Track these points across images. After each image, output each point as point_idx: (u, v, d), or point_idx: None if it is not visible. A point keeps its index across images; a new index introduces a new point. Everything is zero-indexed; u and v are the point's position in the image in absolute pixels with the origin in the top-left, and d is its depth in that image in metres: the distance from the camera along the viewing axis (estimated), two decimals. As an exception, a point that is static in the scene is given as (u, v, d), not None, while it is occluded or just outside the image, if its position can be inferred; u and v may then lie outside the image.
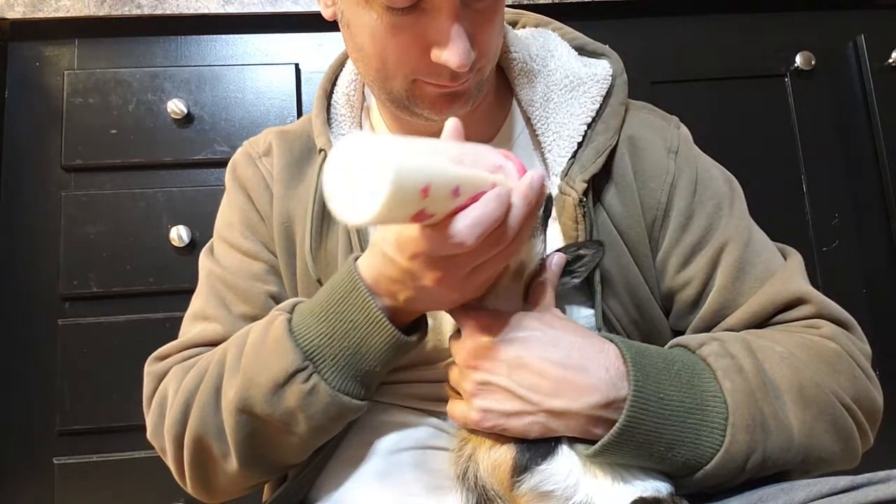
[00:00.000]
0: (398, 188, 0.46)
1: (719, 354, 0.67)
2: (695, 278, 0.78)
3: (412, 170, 0.48)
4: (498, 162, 0.58)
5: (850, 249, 1.40)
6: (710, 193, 0.81)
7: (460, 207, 0.54)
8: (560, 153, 0.81)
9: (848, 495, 0.50)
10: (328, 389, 0.67)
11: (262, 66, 1.37)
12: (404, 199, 0.48)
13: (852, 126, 1.44)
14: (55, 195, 1.30)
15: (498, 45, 0.75)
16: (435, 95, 0.73)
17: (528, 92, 0.85)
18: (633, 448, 0.62)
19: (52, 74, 1.34)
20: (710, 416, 0.63)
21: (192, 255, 1.29)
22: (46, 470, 1.24)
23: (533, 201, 0.58)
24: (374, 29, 0.70)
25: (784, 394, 0.65)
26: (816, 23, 1.47)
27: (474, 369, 0.65)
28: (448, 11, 0.66)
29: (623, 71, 0.85)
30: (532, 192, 0.57)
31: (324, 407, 0.68)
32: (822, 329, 0.73)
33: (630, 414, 0.61)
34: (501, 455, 0.66)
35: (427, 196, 0.49)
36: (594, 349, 0.65)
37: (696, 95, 1.41)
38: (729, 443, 0.62)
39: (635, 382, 0.61)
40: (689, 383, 0.64)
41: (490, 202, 0.54)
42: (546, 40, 0.87)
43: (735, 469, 0.62)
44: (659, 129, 0.84)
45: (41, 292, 1.28)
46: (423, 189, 0.49)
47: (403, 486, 0.75)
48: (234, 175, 0.90)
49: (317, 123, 0.86)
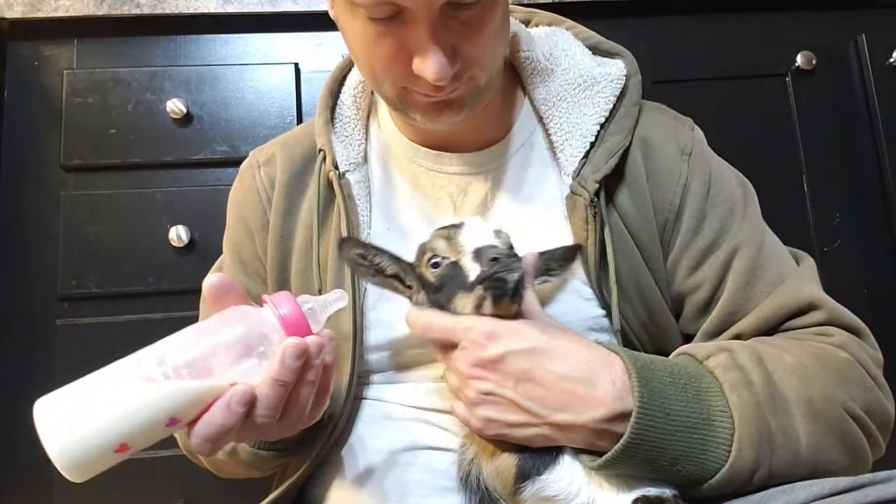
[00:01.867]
0: (74, 471, 0.51)
1: (727, 367, 0.66)
2: (706, 282, 0.78)
3: (83, 452, 0.50)
4: (262, 333, 0.57)
5: (850, 249, 1.40)
6: (724, 196, 0.80)
7: (192, 422, 0.55)
8: (572, 153, 0.80)
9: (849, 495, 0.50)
10: (247, 448, 0.77)
11: (262, 66, 1.37)
12: (91, 466, 0.51)
13: (853, 126, 1.44)
14: (54, 195, 1.30)
15: (494, 53, 0.74)
16: (424, 103, 0.73)
17: (541, 91, 0.84)
18: (638, 462, 0.61)
19: (52, 74, 1.34)
20: (716, 431, 0.62)
21: (191, 255, 1.29)
22: (46, 470, 1.24)
23: (291, 379, 0.57)
24: (361, 37, 0.71)
25: (793, 407, 0.64)
26: (817, 22, 1.46)
27: (478, 379, 0.64)
28: (425, 23, 0.66)
29: (637, 71, 0.85)
30: (286, 372, 0.57)
31: (248, 459, 0.78)
32: (834, 337, 0.72)
33: (635, 430, 0.60)
34: (504, 462, 0.66)
35: (128, 448, 0.52)
36: (600, 362, 0.64)
37: (696, 95, 1.41)
38: (734, 459, 0.61)
39: (640, 398, 0.61)
40: (696, 398, 0.63)
41: (215, 417, 0.55)
42: (559, 39, 0.87)
43: (741, 483, 0.61)
44: (673, 130, 0.84)
45: (40, 292, 1.28)
46: (115, 450, 0.51)
47: (404, 486, 0.75)
48: (234, 192, 0.92)
49: (318, 123, 0.86)
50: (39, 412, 0.51)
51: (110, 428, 0.51)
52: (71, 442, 0.50)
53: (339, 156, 0.84)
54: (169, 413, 0.53)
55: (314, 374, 0.60)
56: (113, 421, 0.51)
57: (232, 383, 0.55)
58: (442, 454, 0.75)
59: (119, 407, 0.51)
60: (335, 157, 0.83)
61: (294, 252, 0.84)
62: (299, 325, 0.58)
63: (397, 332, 0.78)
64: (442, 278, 0.68)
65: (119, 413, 0.51)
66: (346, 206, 0.80)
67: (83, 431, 0.50)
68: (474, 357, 0.64)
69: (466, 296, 0.66)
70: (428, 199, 0.83)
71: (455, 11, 0.67)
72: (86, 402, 0.51)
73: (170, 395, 0.53)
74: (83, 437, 0.50)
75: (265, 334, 0.57)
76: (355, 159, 0.85)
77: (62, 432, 0.49)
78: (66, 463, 0.50)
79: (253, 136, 1.33)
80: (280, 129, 1.33)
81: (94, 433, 0.50)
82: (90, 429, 0.50)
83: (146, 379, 0.52)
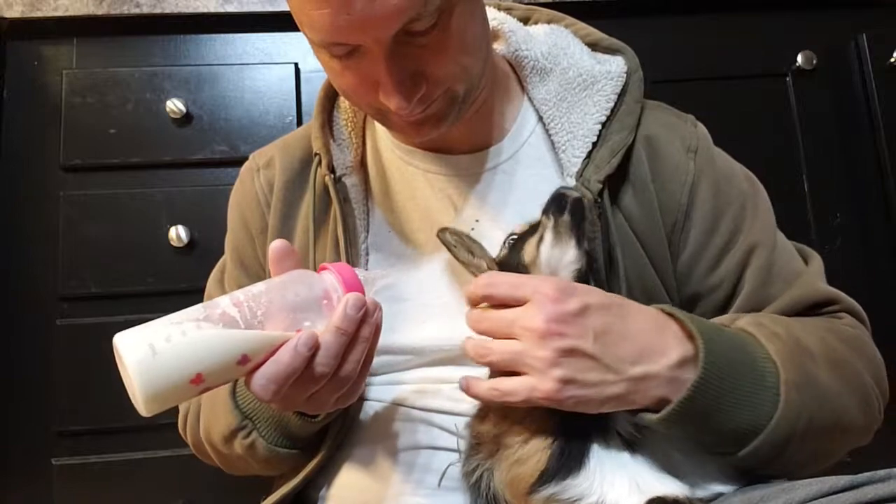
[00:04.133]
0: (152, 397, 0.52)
1: (757, 325, 0.68)
2: (724, 281, 0.78)
3: (163, 376, 0.52)
4: (324, 290, 0.61)
5: (851, 249, 1.40)
6: (735, 194, 0.80)
7: (258, 364, 0.57)
8: (574, 153, 0.79)
9: (848, 494, 0.50)
10: (265, 444, 0.77)
11: (262, 66, 1.37)
12: (167, 395, 0.53)
13: (854, 125, 1.44)
14: (53, 195, 1.30)
15: (469, 63, 0.72)
16: (402, 124, 0.74)
17: (540, 90, 0.84)
18: (705, 409, 0.61)
19: (51, 74, 1.34)
20: (764, 375, 0.63)
21: (191, 255, 1.29)
22: (45, 471, 1.24)
23: (351, 329, 0.59)
24: (330, 69, 0.72)
25: (819, 359, 0.66)
26: (818, 22, 1.46)
27: (558, 336, 0.60)
28: (380, 57, 0.65)
29: (639, 68, 0.84)
30: (347, 321, 0.59)
31: (265, 456, 0.77)
32: (844, 319, 0.76)
33: (705, 366, 0.60)
34: (526, 467, 0.64)
35: (202, 381, 0.54)
36: (656, 314, 0.65)
37: (696, 95, 1.40)
38: (784, 402, 0.62)
39: (702, 338, 0.62)
40: (741, 347, 0.65)
41: (282, 357, 0.57)
42: (558, 38, 0.86)
43: (787, 435, 0.62)
44: (677, 127, 0.83)
45: (39, 292, 1.28)
46: (191, 380, 0.53)
47: (405, 487, 0.75)
48: (234, 194, 0.93)
49: (315, 126, 0.86)
50: (122, 340, 0.53)
51: (190, 354, 0.53)
52: (154, 364, 0.51)
53: (335, 159, 0.83)
54: (243, 349, 0.55)
55: (368, 330, 0.61)
56: (192, 348, 0.53)
57: (298, 330, 0.58)
58: (443, 454, 0.75)
59: (198, 338, 0.54)
60: (332, 160, 0.83)
61: None
62: (357, 286, 0.62)
63: (398, 334, 0.77)
64: (512, 248, 0.70)
65: (198, 342, 0.54)
66: (342, 211, 0.80)
67: (166, 354, 0.52)
68: (554, 311, 0.61)
69: (532, 238, 0.67)
70: (428, 202, 0.83)
71: (410, 38, 0.66)
72: (165, 331, 0.53)
73: (244, 333, 0.56)
74: (166, 360, 0.52)
75: (327, 291, 0.61)
76: (352, 163, 0.85)
77: (147, 353, 0.51)
78: (146, 385, 0.51)
79: (252, 136, 1.33)
80: (280, 128, 1.33)
81: (176, 356, 0.52)
82: (173, 352, 0.52)
83: (221, 318, 0.55)
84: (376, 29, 0.63)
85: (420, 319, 0.78)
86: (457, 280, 0.78)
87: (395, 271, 0.80)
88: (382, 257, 0.82)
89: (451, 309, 0.76)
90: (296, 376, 0.58)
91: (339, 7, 0.61)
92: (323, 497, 0.79)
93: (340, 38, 0.65)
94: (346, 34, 0.64)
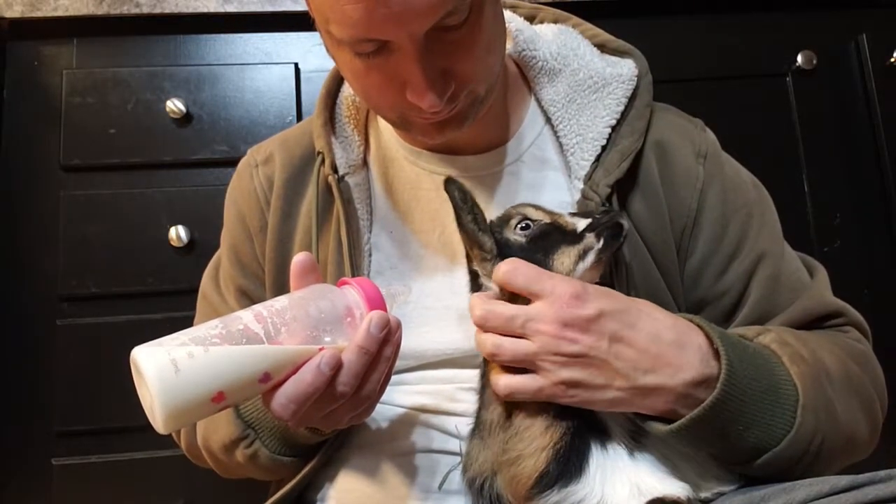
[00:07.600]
0: (172, 415, 0.50)
1: (780, 343, 0.67)
2: (732, 288, 0.78)
3: (186, 393, 0.50)
4: (347, 307, 0.60)
5: (851, 249, 1.40)
6: (742, 201, 0.80)
7: (280, 382, 0.56)
8: (583, 156, 0.78)
9: (849, 494, 0.50)
10: (268, 454, 0.76)
11: (262, 66, 1.37)
12: (187, 413, 0.52)
13: (854, 126, 1.44)
14: (54, 195, 1.30)
15: (490, 63, 0.72)
16: (425, 124, 0.72)
17: (548, 91, 0.83)
18: (714, 428, 0.61)
19: (51, 74, 1.34)
20: (782, 397, 0.63)
21: (191, 254, 1.29)
22: (45, 471, 1.24)
23: (374, 349, 0.59)
24: (351, 70, 0.70)
25: (837, 382, 0.67)
26: (818, 22, 1.46)
27: (570, 340, 0.61)
28: (412, 53, 0.64)
29: (648, 71, 0.83)
30: (370, 340, 0.59)
31: (268, 465, 0.77)
32: (850, 333, 0.77)
33: (724, 389, 0.60)
34: (525, 468, 0.64)
35: (223, 399, 0.52)
36: (684, 326, 0.65)
37: (696, 95, 1.41)
38: (799, 424, 0.62)
39: (727, 360, 0.61)
40: (764, 367, 0.64)
41: (305, 377, 0.56)
42: (567, 38, 0.85)
43: (800, 452, 0.63)
44: (687, 132, 0.82)
45: (40, 293, 1.28)
46: (213, 398, 0.52)
47: (406, 490, 0.74)
48: (231, 189, 0.91)
49: (317, 124, 0.84)
50: (143, 355, 0.51)
51: (211, 372, 0.52)
52: (177, 381, 0.50)
53: (338, 158, 0.82)
54: (266, 367, 0.54)
55: (391, 350, 0.61)
56: (215, 365, 0.52)
57: (320, 347, 0.57)
58: (443, 456, 0.75)
59: (222, 354, 0.52)
60: (334, 159, 0.82)
61: (293, 254, 0.83)
62: (379, 303, 0.61)
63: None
64: (533, 239, 0.69)
65: (220, 361, 0.52)
66: (345, 211, 0.79)
67: (189, 371, 0.51)
68: (569, 315, 0.61)
69: (569, 248, 0.67)
70: (433, 203, 0.82)
71: (442, 34, 0.65)
72: (187, 347, 0.52)
73: (266, 350, 0.55)
74: (188, 377, 0.50)
75: (350, 308, 0.60)
76: (355, 162, 0.84)
77: (170, 370, 0.50)
78: (168, 403, 0.50)
79: (253, 136, 1.33)
80: (280, 128, 1.32)
81: (198, 374, 0.51)
82: (195, 370, 0.51)
83: (243, 334, 0.54)
84: (413, 22, 0.62)
85: (421, 322, 0.77)
86: (459, 283, 0.77)
87: (413, 284, 0.78)
88: (384, 257, 0.82)
89: (452, 313, 0.76)
90: (317, 396, 0.57)
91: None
92: (322, 499, 0.79)
93: (373, 34, 0.63)
94: (380, 29, 0.62)
